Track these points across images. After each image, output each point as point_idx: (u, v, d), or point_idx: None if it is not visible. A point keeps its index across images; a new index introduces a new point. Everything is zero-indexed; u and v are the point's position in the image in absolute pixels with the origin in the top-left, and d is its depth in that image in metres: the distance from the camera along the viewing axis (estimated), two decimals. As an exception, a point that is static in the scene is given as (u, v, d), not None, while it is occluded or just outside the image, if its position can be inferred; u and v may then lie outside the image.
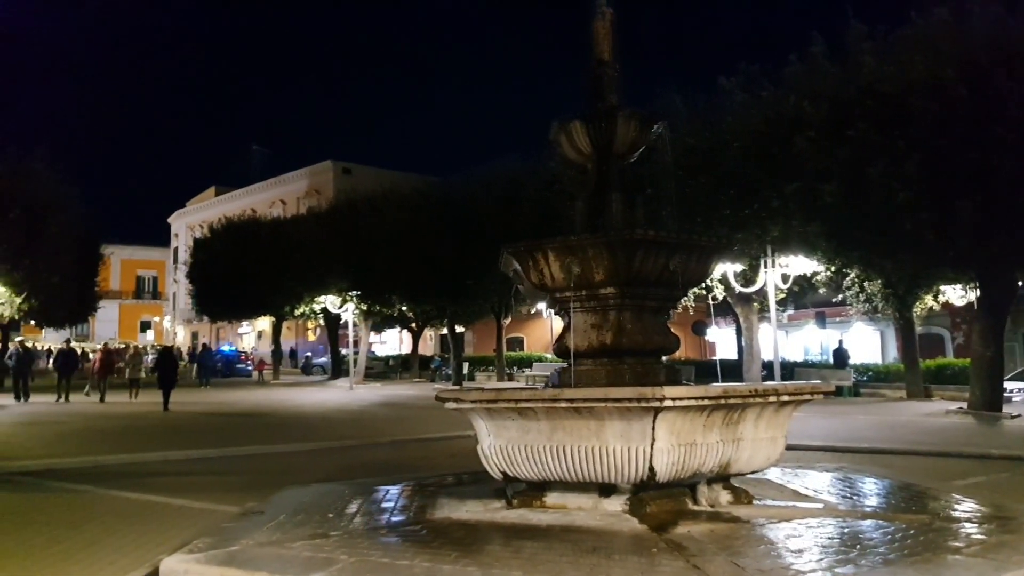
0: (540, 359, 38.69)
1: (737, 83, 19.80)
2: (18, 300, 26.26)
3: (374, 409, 21.34)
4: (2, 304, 25.99)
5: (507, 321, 34.47)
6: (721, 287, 21.61)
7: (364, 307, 35.02)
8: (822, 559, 4.42)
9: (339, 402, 23.94)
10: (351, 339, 36.30)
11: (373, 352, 46.64)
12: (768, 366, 23.25)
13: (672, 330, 6.66)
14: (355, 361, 34.89)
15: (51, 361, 27.78)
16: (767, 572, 4.15)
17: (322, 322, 42.01)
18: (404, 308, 35.33)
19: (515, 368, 36.56)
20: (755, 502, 5.93)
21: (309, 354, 49.28)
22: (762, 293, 20.82)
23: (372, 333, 43.94)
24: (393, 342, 53.48)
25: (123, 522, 7.01)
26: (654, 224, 6.86)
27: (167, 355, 22.86)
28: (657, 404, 5.02)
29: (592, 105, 6.70)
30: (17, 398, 21.82)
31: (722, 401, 5.42)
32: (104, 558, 5.75)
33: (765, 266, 19.66)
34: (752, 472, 6.09)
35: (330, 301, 34.66)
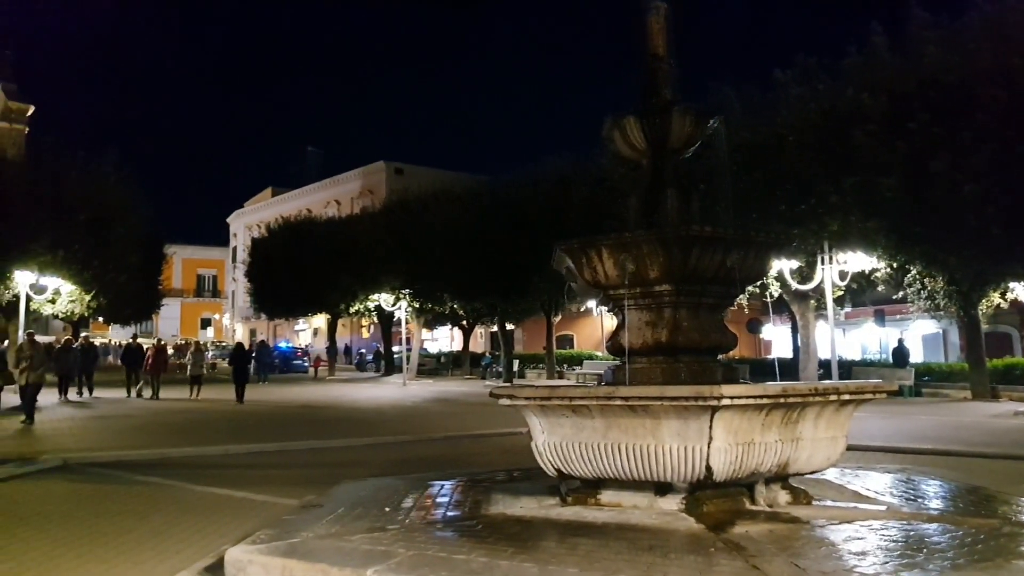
0: (591, 357, 38.52)
1: (793, 76, 19.41)
2: (87, 298, 27.29)
3: (427, 405, 21.56)
4: (72, 302, 27.02)
5: (557, 319, 34.41)
6: (777, 284, 21.20)
7: (416, 305, 35.40)
8: (887, 562, 4.31)
9: (393, 398, 24.25)
10: (404, 336, 36.72)
11: (425, 349, 47.10)
12: (825, 365, 22.72)
13: (729, 328, 6.57)
14: (408, 358, 35.28)
15: (120, 357, 28.64)
16: (829, 574, 4.06)
17: (376, 319, 42.60)
18: (455, 306, 35.57)
19: (565, 366, 36.47)
20: (815, 503, 5.81)
21: (363, 351, 49.99)
22: (819, 290, 20.37)
23: (424, 330, 44.37)
24: (444, 339, 53.92)
25: (187, 513, 7.24)
26: (709, 220, 6.77)
27: (240, 351, 23.77)
28: (715, 403, 4.96)
29: (646, 101, 6.64)
30: (80, 393, 22.39)
31: (781, 400, 5.32)
32: (171, 547, 5.95)
33: (822, 263, 19.23)
34: (811, 472, 5.98)
35: (383, 299, 35.18)
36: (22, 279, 23.26)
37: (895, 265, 20.04)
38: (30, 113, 47.54)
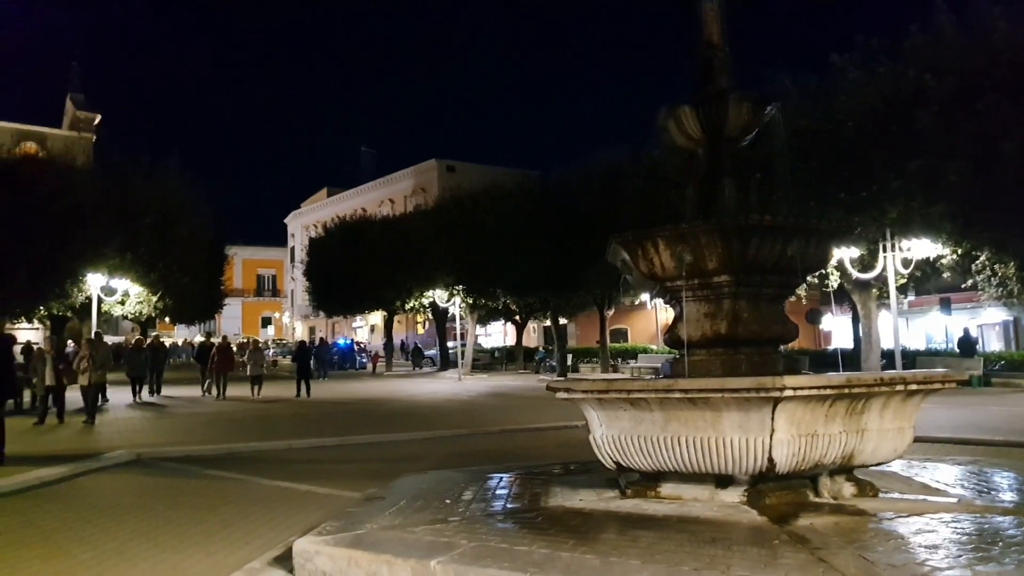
0: (645, 350, 38.23)
1: (851, 60, 18.88)
2: (154, 299, 28.24)
3: (482, 399, 21.72)
4: (140, 303, 28.00)
5: (610, 312, 34.25)
6: (837, 273, 20.70)
7: (470, 300, 35.65)
8: (960, 556, 4.19)
9: (449, 393, 24.48)
10: (458, 332, 37.02)
11: (479, 344, 47.40)
12: (888, 355, 22.10)
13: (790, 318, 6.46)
14: (462, 353, 35.58)
15: (194, 355, 29.39)
16: (900, 568, 3.97)
17: (430, 315, 43.05)
18: (508, 301, 35.71)
19: (619, 360, 36.29)
20: (881, 495, 5.67)
21: (419, 345, 50.56)
22: (881, 279, 19.82)
23: (478, 326, 44.65)
24: (498, 335, 54.18)
25: (255, 505, 7.46)
26: (767, 210, 6.65)
27: (303, 348, 24.37)
28: (777, 394, 4.88)
29: (702, 89, 6.56)
30: (151, 392, 22.50)
31: (845, 390, 5.21)
32: (240, 538, 6.14)
33: (884, 250, 18.70)
34: (877, 464, 5.84)
35: (437, 295, 35.54)
36: (94, 281, 24.23)
37: (961, 251, 19.34)
38: (97, 122, 49.34)
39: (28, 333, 30.44)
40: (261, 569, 5.01)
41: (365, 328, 63.52)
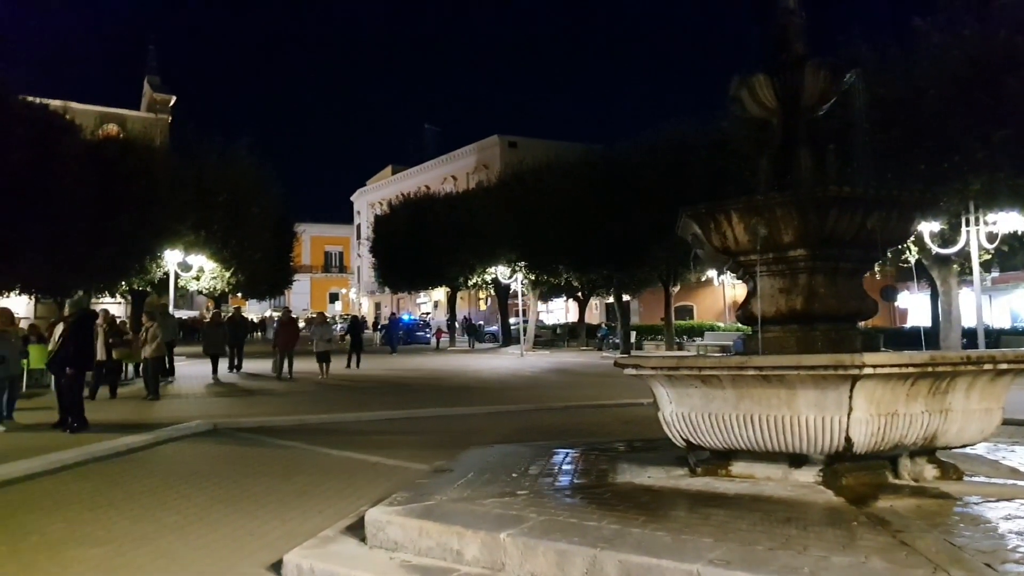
0: (712, 328, 37.63)
1: (934, 23, 17.93)
2: (227, 275, 29.10)
3: (545, 375, 21.76)
4: (214, 279, 28.89)
5: (676, 289, 33.75)
6: (915, 248, 19.86)
7: (532, 277, 35.64)
8: (1053, 543, 3.99)
9: (511, 368, 24.61)
10: (520, 308, 37.09)
11: (541, 321, 47.45)
12: (968, 334, 21.17)
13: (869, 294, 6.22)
14: (524, 329, 35.67)
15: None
16: (988, 554, 3.80)
17: (492, 292, 43.25)
18: (570, 277, 35.55)
19: (685, 337, 35.79)
20: (966, 478, 5.45)
21: (482, 322, 50.95)
22: (963, 253, 18.92)
23: (539, 302, 44.67)
24: (559, 311, 54.09)
25: (326, 475, 7.66)
26: (844, 180, 6.40)
27: (356, 323, 24.62)
28: (856, 372, 4.72)
29: (777, 57, 6.31)
30: (231, 368, 22.10)
31: (928, 369, 5.01)
32: (314, 507, 6.31)
33: (967, 224, 17.83)
34: (962, 446, 5.60)
35: (500, 271, 35.63)
36: (171, 258, 25.10)
37: (1052, 225, 18.29)
38: (172, 103, 50.85)
39: (112, 307, 31.83)
40: (334, 537, 5.13)
41: (429, 304, 64.30)
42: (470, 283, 41.08)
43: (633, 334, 34.62)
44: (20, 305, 24.86)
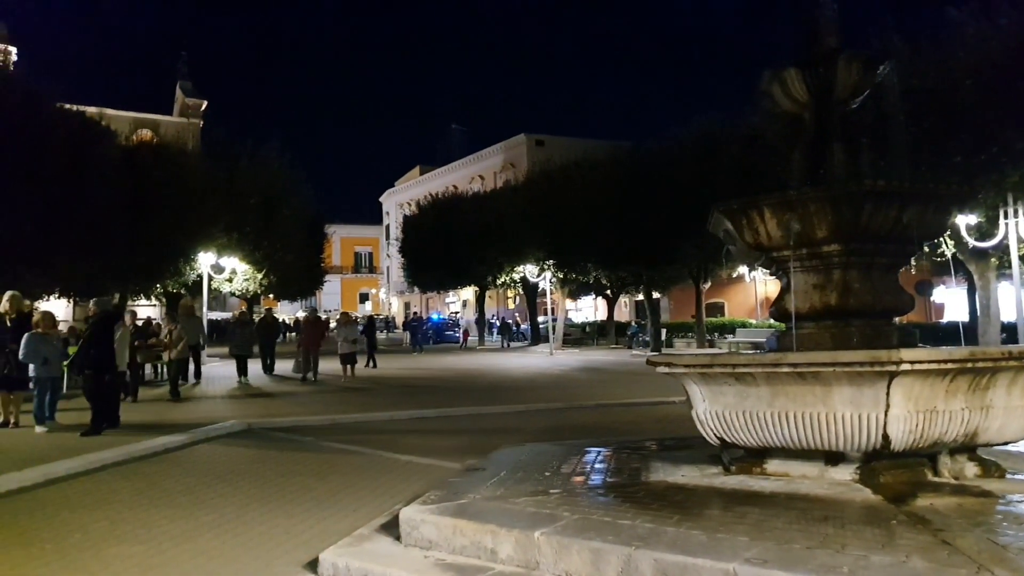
0: (744, 325, 37.27)
1: (970, 12, 17.57)
2: (259, 276, 29.51)
3: (575, 374, 21.72)
4: (247, 280, 29.31)
5: (707, 286, 33.51)
6: (951, 242, 19.48)
7: (560, 275, 35.59)
8: (1101, 542, 3.89)
9: (541, 367, 24.61)
10: (549, 306, 37.06)
11: (570, 319, 47.35)
12: (1008, 329, 20.71)
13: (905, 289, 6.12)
14: (553, 328, 35.62)
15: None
16: (1033, 553, 3.72)
17: (521, 291, 43.27)
18: (599, 275, 35.44)
19: (716, 335, 35.48)
20: (1008, 476, 5.34)
21: (509, 320, 51.00)
22: (1001, 247, 18.52)
23: (568, 300, 44.60)
24: (588, 309, 53.96)
25: (360, 474, 7.72)
26: (879, 174, 6.30)
27: (371, 323, 25.17)
28: (893, 368, 4.64)
29: (808, 49, 6.23)
30: (265, 370, 21.05)
31: (968, 365, 4.91)
32: (348, 506, 6.37)
33: (1006, 216, 17.45)
34: (1003, 443, 5.49)
35: (528, 270, 35.64)
36: (204, 260, 25.51)
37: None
38: (204, 107, 51.64)
39: (147, 310, 32.42)
40: (369, 535, 5.18)
41: (457, 303, 64.53)
42: (498, 282, 41.15)
43: (663, 332, 34.42)
44: (59, 308, 25.42)
